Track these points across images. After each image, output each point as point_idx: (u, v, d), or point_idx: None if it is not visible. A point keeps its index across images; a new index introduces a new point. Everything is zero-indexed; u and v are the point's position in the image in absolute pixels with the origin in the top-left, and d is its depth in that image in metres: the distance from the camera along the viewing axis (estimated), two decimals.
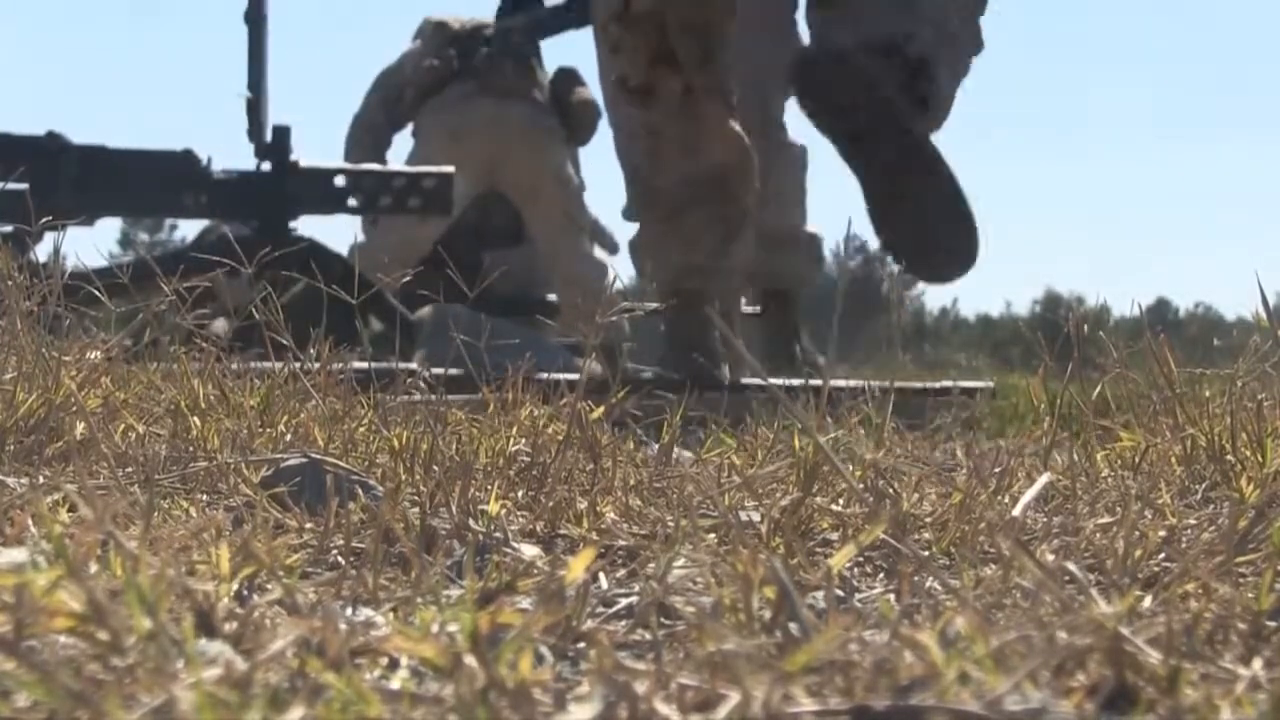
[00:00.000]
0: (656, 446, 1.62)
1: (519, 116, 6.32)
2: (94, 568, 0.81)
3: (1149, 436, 1.54)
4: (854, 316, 4.49)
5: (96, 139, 4.45)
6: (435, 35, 6.59)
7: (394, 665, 0.75)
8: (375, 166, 4.84)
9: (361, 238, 6.34)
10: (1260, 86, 66.70)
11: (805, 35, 3.84)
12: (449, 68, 6.53)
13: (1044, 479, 1.09)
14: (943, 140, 3.47)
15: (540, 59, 6.62)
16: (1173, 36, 69.08)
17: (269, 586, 0.89)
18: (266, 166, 4.34)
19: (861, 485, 1.18)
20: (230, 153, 5.21)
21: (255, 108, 4.28)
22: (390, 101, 6.49)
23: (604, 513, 1.26)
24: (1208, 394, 1.59)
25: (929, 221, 2.95)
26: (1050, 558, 1.02)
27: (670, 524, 1.17)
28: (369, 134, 6.51)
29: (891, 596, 0.98)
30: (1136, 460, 1.50)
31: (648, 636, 0.83)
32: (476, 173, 5.00)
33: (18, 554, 0.72)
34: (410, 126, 6.57)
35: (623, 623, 0.90)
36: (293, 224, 4.46)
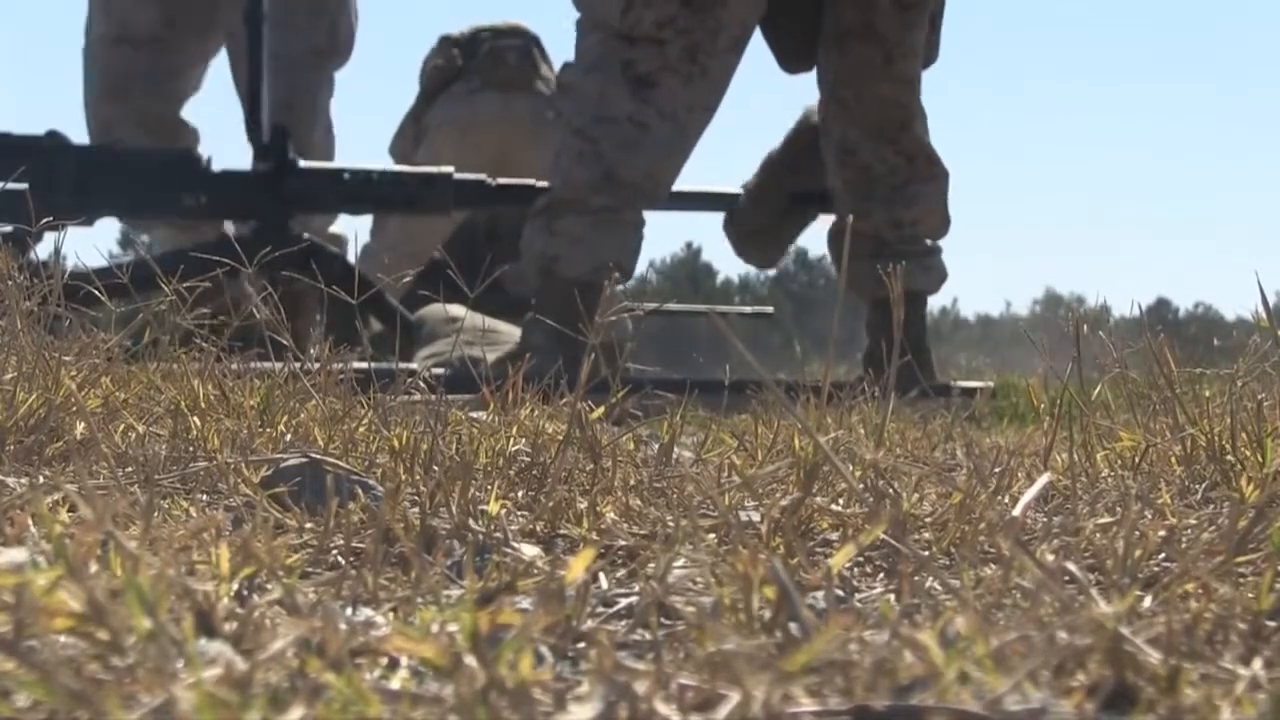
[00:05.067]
0: (657, 446, 1.62)
1: (525, 109, 6.33)
2: (94, 568, 0.81)
3: (1149, 436, 1.54)
4: (854, 317, 4.48)
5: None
6: (441, 45, 6.66)
7: (394, 665, 0.75)
8: (375, 166, 4.85)
9: (365, 239, 6.35)
10: (1261, 87, 66.70)
11: None
12: (453, 66, 6.57)
13: (1044, 479, 1.09)
14: (944, 142, 3.52)
15: (543, 50, 6.64)
16: (1173, 37, 69.07)
17: (269, 586, 0.88)
18: (266, 166, 4.34)
19: (861, 485, 1.18)
20: (230, 152, 5.21)
21: (254, 107, 4.28)
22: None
23: (604, 513, 1.26)
24: (1208, 394, 1.59)
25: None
26: (1050, 558, 1.02)
27: (670, 524, 1.17)
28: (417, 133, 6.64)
29: (891, 596, 0.98)
30: (1136, 460, 1.50)
31: (648, 636, 0.83)
32: (485, 167, 5.00)
33: (18, 554, 0.72)
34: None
35: (623, 623, 0.90)
36: (297, 222, 4.47)
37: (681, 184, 4.88)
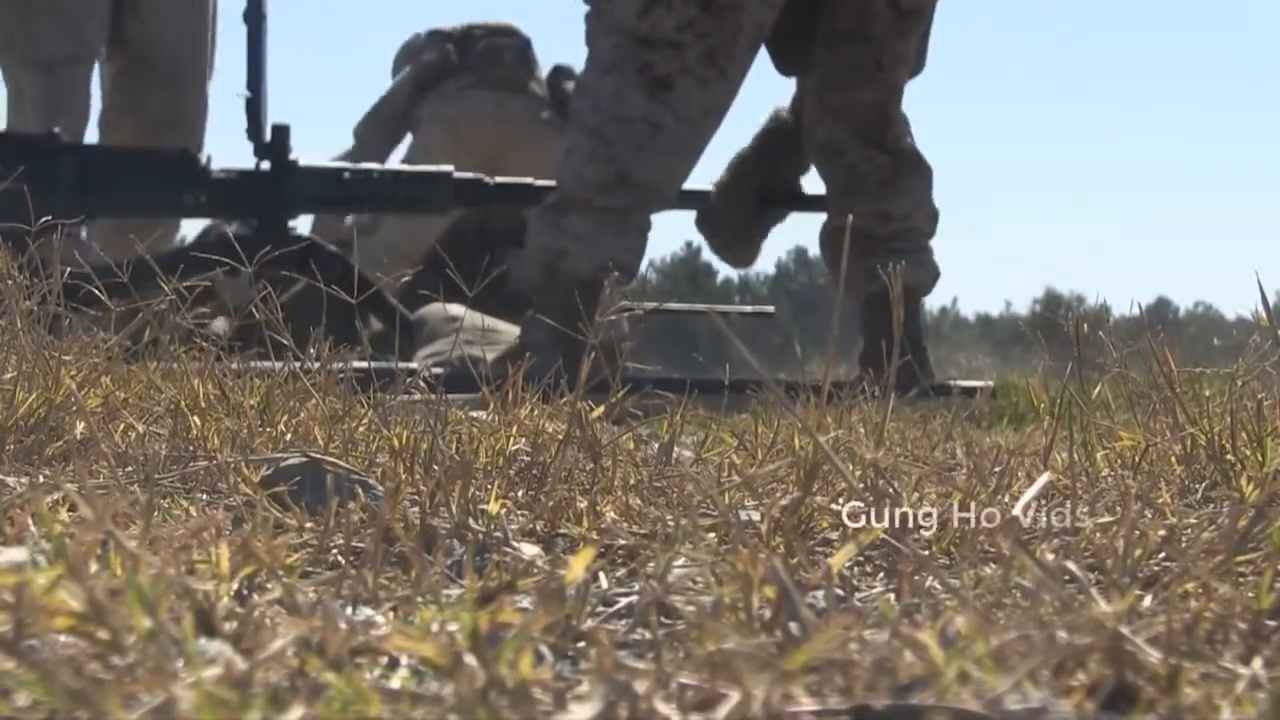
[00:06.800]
0: (657, 446, 1.62)
1: (518, 110, 6.33)
2: (94, 568, 0.81)
3: (1149, 436, 1.54)
4: (854, 316, 4.48)
5: (96, 139, 4.45)
6: (433, 39, 6.64)
7: (394, 665, 0.75)
8: (374, 166, 4.85)
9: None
10: (1262, 87, 66.76)
11: None
12: (446, 61, 6.56)
13: (1044, 479, 1.09)
14: (945, 141, 3.55)
15: (533, 52, 6.64)
16: (1173, 37, 69.14)
17: (269, 586, 0.88)
18: (265, 165, 4.34)
19: (861, 485, 1.18)
20: (229, 152, 5.21)
21: (254, 107, 4.28)
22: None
23: (604, 512, 1.26)
24: (1208, 394, 1.58)
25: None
26: (1050, 558, 1.02)
27: (670, 524, 1.17)
28: (391, 121, 6.54)
29: (891, 596, 0.98)
30: (1136, 460, 1.50)
31: (648, 636, 0.83)
32: (476, 166, 5.00)
33: (18, 554, 0.72)
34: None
35: (623, 622, 0.90)
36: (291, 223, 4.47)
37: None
